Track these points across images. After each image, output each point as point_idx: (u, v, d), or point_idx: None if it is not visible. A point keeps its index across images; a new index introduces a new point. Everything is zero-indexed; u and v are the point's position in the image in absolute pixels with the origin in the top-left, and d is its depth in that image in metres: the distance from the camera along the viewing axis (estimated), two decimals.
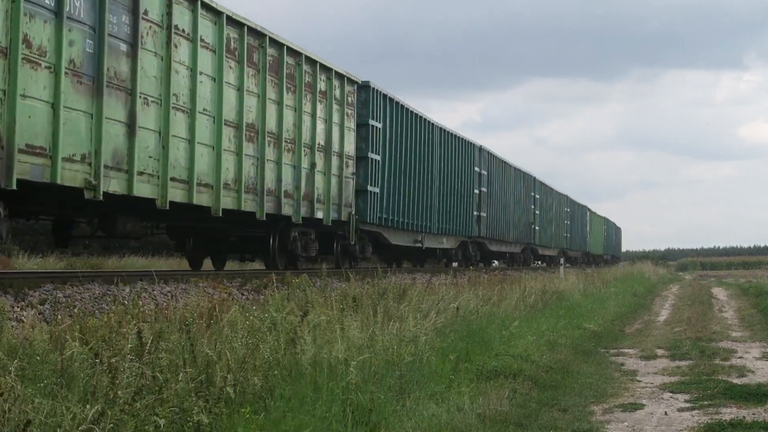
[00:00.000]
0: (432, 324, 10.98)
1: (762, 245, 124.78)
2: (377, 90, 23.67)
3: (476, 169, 34.60)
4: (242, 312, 8.90)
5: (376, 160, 23.49)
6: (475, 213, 34.16)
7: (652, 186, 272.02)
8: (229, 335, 7.54)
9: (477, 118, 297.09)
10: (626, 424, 8.36)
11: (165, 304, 11.12)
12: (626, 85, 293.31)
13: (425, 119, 28.52)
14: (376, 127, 23.59)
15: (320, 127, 19.51)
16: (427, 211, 28.23)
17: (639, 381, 10.99)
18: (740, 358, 13.12)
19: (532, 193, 47.24)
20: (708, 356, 13.12)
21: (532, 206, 46.71)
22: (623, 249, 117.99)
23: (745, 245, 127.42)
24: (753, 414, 8.69)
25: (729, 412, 8.78)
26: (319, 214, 19.66)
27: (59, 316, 8.88)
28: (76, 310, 9.56)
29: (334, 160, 20.28)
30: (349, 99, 21.27)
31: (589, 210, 64.57)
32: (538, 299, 18.87)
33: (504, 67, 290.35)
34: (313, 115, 19.10)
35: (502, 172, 39.53)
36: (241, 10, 16.73)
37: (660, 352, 13.92)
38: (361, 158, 22.54)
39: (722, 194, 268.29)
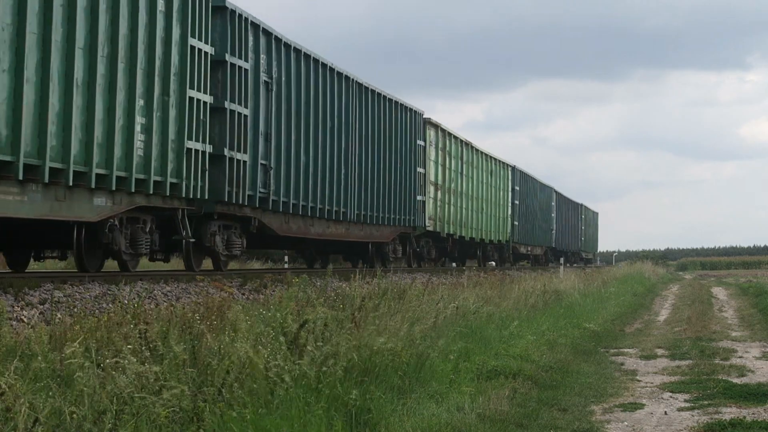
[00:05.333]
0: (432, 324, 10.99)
1: (762, 245, 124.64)
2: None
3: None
4: (244, 312, 8.91)
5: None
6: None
7: (654, 186, 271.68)
8: (231, 336, 7.54)
9: (480, 118, 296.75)
10: (626, 423, 8.36)
11: (165, 304, 11.13)
12: (629, 86, 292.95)
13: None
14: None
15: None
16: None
17: (639, 381, 11.00)
18: (740, 357, 13.12)
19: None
20: (708, 356, 13.12)
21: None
22: (623, 248, 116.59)
23: (745, 245, 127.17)
24: (753, 414, 8.69)
25: (729, 412, 8.79)
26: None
27: (59, 316, 8.89)
28: (76, 310, 9.58)
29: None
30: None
31: (471, 147, 35.40)
32: (539, 299, 18.87)
33: (508, 67, 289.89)
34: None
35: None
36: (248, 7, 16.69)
37: (660, 351, 13.92)
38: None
39: (723, 194, 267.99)
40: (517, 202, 43.39)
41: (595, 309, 20.29)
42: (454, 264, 36.10)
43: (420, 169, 28.08)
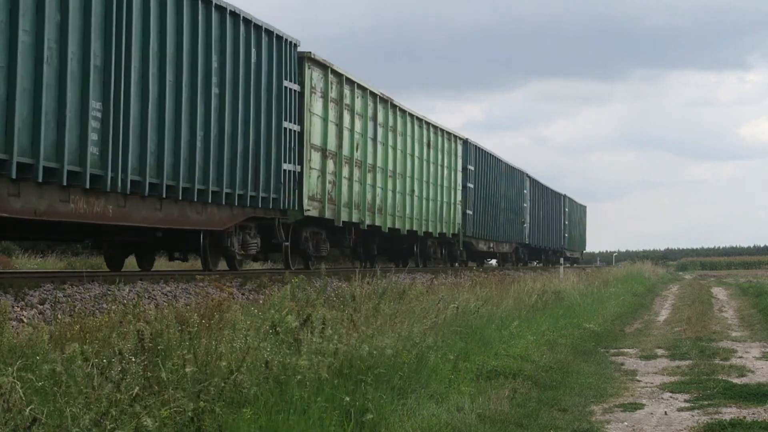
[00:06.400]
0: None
1: (762, 245, 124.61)
2: None
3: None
4: (243, 312, 8.91)
5: None
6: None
7: (654, 186, 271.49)
8: (230, 335, 7.55)
9: (480, 118, 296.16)
10: (626, 423, 8.37)
11: (165, 304, 11.14)
12: (629, 86, 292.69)
13: None
14: None
15: None
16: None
17: (639, 381, 11.00)
18: (740, 357, 13.13)
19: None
20: (708, 356, 13.13)
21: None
22: (623, 248, 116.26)
23: (745, 245, 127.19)
24: (753, 414, 8.69)
25: (729, 412, 8.79)
26: None
27: (59, 316, 8.91)
28: (76, 310, 9.59)
29: None
30: None
31: (392, 105, 25.54)
32: (538, 299, 18.88)
33: (508, 67, 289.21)
34: None
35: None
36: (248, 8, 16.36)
37: (660, 351, 13.93)
38: None
39: (723, 194, 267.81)
40: (470, 185, 33.57)
41: (595, 309, 20.30)
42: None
43: (290, 125, 18.62)
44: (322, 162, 20.58)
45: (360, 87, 22.96)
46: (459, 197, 32.26)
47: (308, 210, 19.79)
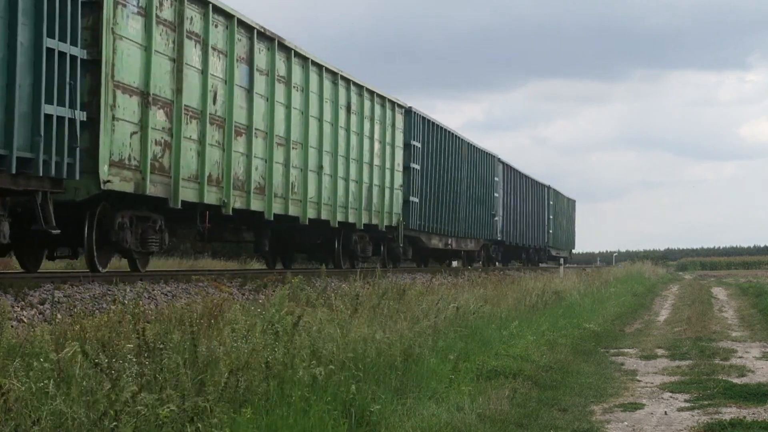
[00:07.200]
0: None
1: (762, 245, 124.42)
2: None
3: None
4: (243, 311, 8.92)
5: None
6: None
7: (654, 186, 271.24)
8: (230, 335, 7.55)
9: (480, 118, 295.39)
10: (626, 423, 8.37)
11: (165, 303, 11.14)
12: (629, 86, 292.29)
13: None
14: None
15: None
16: None
17: (639, 381, 11.01)
18: (740, 357, 13.13)
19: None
20: (708, 356, 13.13)
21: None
22: (623, 248, 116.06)
23: (746, 245, 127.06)
24: (753, 414, 8.70)
25: (729, 412, 8.79)
26: None
27: (59, 316, 8.91)
28: (76, 310, 9.59)
29: None
30: None
31: (283, 47, 18.50)
32: (538, 299, 18.88)
33: (508, 67, 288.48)
34: None
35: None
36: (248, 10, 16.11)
37: (660, 351, 13.93)
38: None
39: (723, 194, 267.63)
40: (416, 166, 27.30)
41: (595, 309, 20.30)
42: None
43: (66, 48, 11.31)
44: (141, 111, 13.97)
45: (219, 11, 15.95)
46: (399, 180, 25.83)
47: (110, 182, 13.29)
